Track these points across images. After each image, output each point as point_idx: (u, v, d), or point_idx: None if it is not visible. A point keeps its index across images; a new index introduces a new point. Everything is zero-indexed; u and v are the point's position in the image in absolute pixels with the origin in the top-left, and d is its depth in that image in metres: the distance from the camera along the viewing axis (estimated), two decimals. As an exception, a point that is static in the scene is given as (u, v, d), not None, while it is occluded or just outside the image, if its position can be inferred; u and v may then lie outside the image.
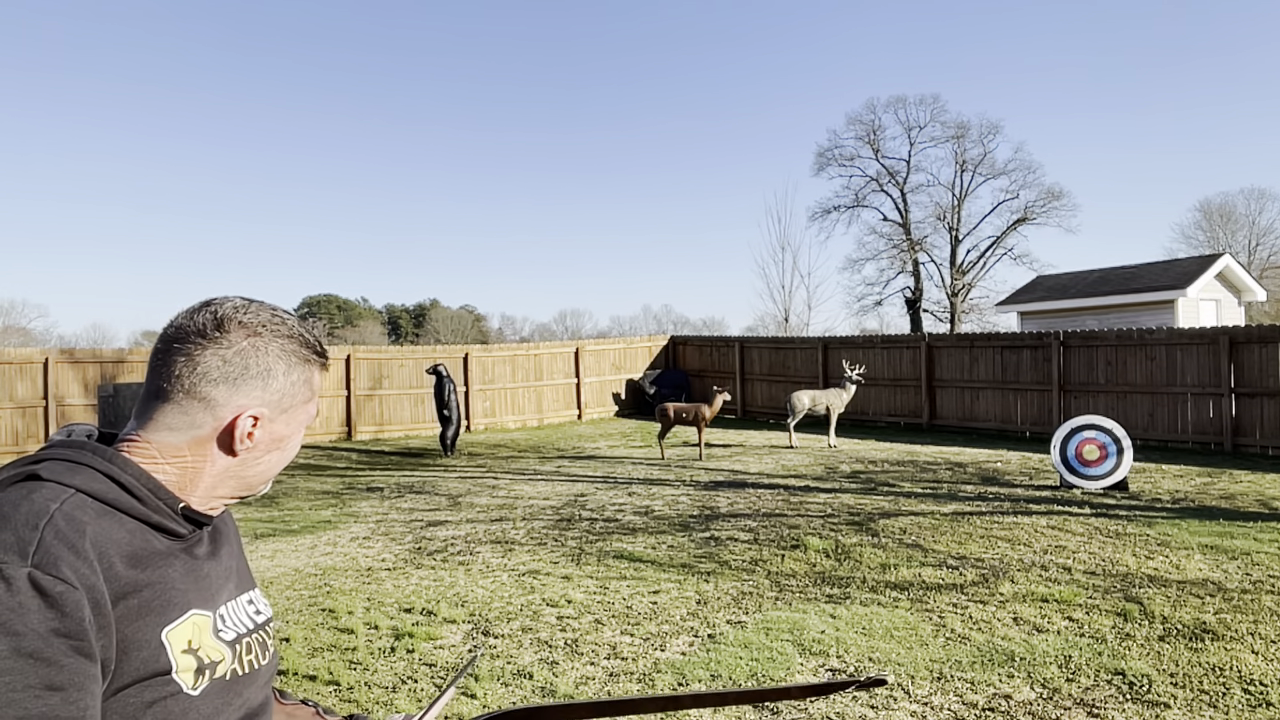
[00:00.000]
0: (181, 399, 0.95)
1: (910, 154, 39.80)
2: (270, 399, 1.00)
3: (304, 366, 1.04)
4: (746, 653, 4.51)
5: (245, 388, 0.97)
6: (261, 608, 1.10)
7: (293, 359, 1.02)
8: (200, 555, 0.98)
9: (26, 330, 45.32)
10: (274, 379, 0.99)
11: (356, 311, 61.58)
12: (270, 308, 1.04)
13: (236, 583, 1.07)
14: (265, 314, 1.02)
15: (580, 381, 18.93)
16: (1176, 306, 21.79)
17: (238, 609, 1.05)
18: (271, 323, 1.01)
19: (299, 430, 1.06)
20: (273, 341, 1.00)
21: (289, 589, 5.99)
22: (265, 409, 0.99)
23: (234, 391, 0.96)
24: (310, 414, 1.08)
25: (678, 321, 59.70)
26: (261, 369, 0.98)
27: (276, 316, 1.03)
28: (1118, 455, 8.80)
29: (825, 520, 7.78)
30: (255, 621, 1.06)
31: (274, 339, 1.00)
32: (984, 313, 37.67)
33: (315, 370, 1.07)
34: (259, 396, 0.98)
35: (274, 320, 1.02)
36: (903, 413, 15.78)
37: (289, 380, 1.01)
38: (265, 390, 0.99)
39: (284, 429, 1.03)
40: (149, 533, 0.90)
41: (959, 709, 3.81)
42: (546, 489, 10.01)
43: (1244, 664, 4.22)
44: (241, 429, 0.97)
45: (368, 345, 29.43)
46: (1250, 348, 11.63)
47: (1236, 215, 42.68)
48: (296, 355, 1.03)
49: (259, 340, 0.99)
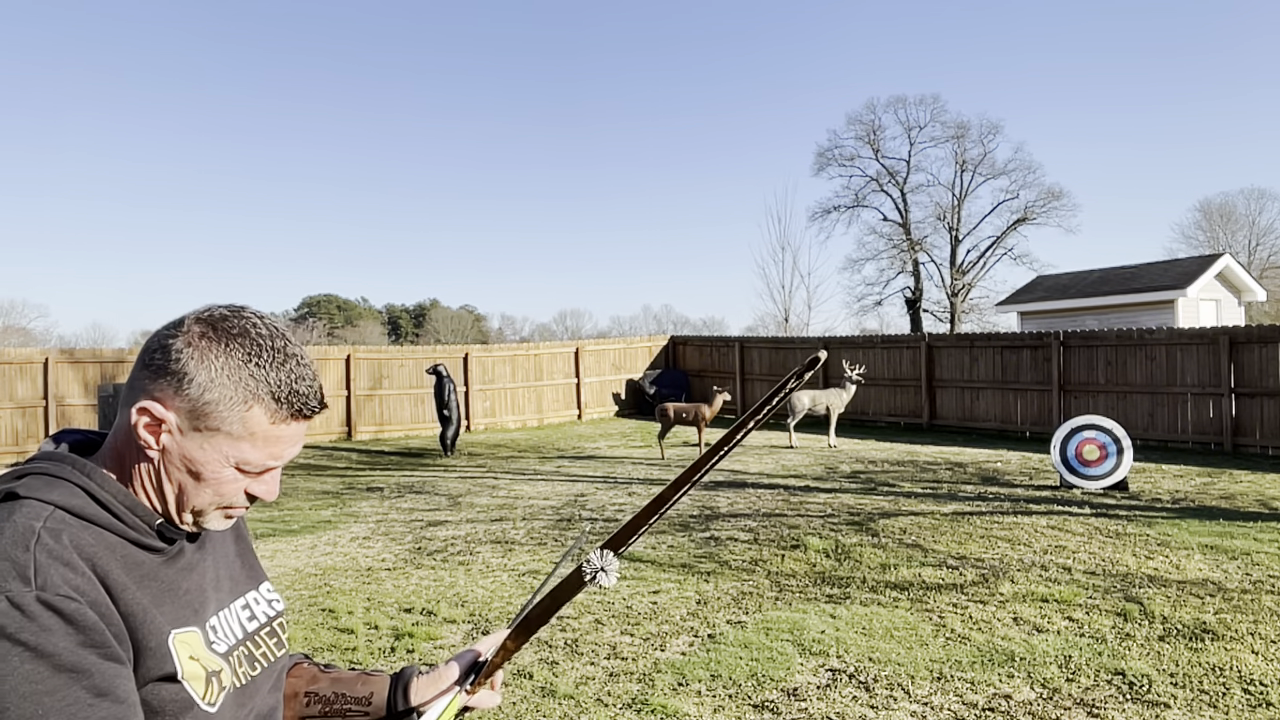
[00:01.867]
0: (126, 387, 0.94)
1: (910, 154, 39.81)
2: (179, 405, 0.88)
3: (248, 395, 0.90)
4: (746, 653, 4.51)
5: (161, 381, 0.89)
6: (258, 610, 1.07)
7: (228, 381, 0.89)
8: (182, 568, 0.95)
9: (26, 330, 45.33)
10: (191, 384, 0.88)
11: (356, 311, 61.57)
12: (270, 326, 0.92)
13: (230, 587, 1.04)
14: (238, 324, 0.91)
15: (580, 381, 18.94)
16: (1176, 306, 21.78)
17: (229, 618, 1.01)
18: (235, 334, 0.90)
19: (221, 467, 0.91)
20: (216, 350, 0.89)
21: (289, 589, 5.99)
22: (171, 415, 0.88)
23: (150, 382, 0.89)
24: (240, 454, 0.91)
25: (678, 321, 59.73)
26: (184, 369, 0.88)
27: (250, 335, 0.90)
28: (1118, 455, 8.80)
29: (825, 520, 7.78)
30: (246, 630, 1.02)
31: (221, 349, 0.89)
32: (984, 313, 37.69)
33: (258, 409, 0.90)
34: (167, 395, 0.88)
35: (242, 333, 0.90)
36: (903, 413, 15.79)
37: (207, 396, 0.88)
38: (179, 393, 0.88)
39: (195, 452, 0.90)
40: (130, 547, 0.89)
41: (959, 709, 3.81)
42: (546, 489, 10.02)
43: (1244, 664, 4.22)
44: (136, 418, 0.89)
45: (368, 345, 29.44)
46: (1250, 348, 11.63)
47: (1236, 215, 42.71)
48: (246, 380, 0.89)
49: (202, 341, 0.89)
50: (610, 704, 3.95)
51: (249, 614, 1.04)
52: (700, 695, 4.03)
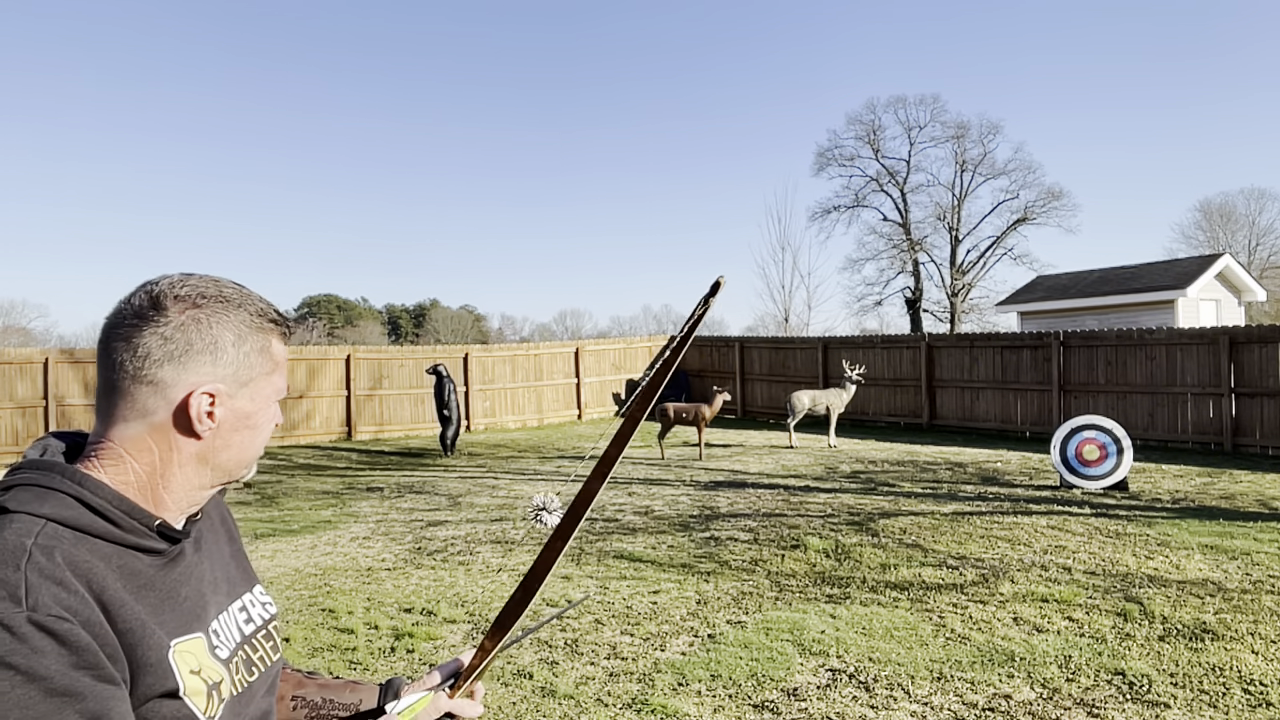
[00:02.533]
0: (130, 387, 0.90)
1: (910, 154, 39.81)
2: (224, 373, 0.93)
3: (257, 335, 0.96)
4: (746, 653, 4.51)
5: (193, 364, 0.91)
6: (254, 613, 1.06)
7: (242, 328, 0.95)
8: (181, 571, 0.94)
9: (26, 330, 45.32)
10: (223, 351, 0.93)
11: (356, 311, 61.55)
12: (213, 279, 0.96)
13: (227, 589, 1.04)
14: (205, 285, 0.94)
15: (580, 381, 18.94)
16: (1176, 306, 21.78)
17: (229, 621, 1.01)
18: (214, 293, 0.94)
19: (267, 406, 0.99)
20: (217, 312, 0.93)
21: (289, 589, 5.99)
22: (221, 384, 0.93)
23: (182, 370, 0.90)
24: (278, 387, 1.01)
25: (678, 321, 59.64)
26: (207, 342, 0.92)
27: (220, 287, 0.95)
28: (1118, 455, 8.80)
29: (825, 520, 7.78)
30: (244, 633, 1.02)
31: (218, 309, 0.93)
32: (984, 313, 37.69)
33: (273, 337, 0.99)
34: (210, 372, 0.92)
35: (217, 291, 0.95)
36: (903, 413, 15.78)
37: (240, 351, 0.94)
38: (216, 364, 0.92)
39: (248, 405, 0.96)
40: (127, 554, 0.87)
41: (959, 709, 3.81)
42: (546, 489, 10.01)
43: (1244, 664, 4.22)
44: (197, 408, 0.91)
45: (368, 345, 29.43)
46: (1250, 348, 11.63)
47: (1236, 215, 42.70)
48: (247, 324, 0.95)
49: (200, 312, 0.92)
50: (610, 704, 3.95)
51: (245, 616, 1.03)
52: (700, 695, 4.03)
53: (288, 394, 1.09)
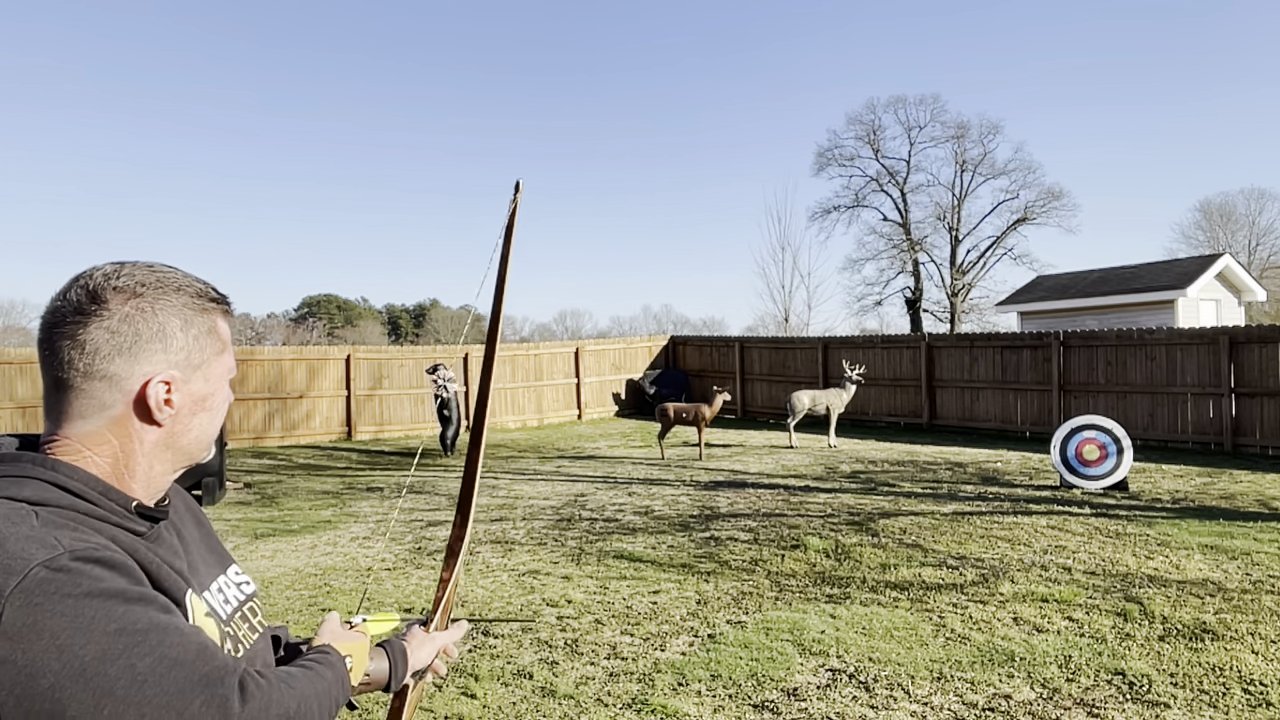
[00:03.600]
0: (83, 384, 0.89)
1: (910, 154, 39.80)
2: (176, 359, 0.93)
3: (202, 316, 0.97)
4: (746, 653, 4.51)
5: (144, 354, 0.91)
6: (230, 594, 1.06)
7: (187, 311, 0.95)
8: (167, 548, 0.94)
9: (26, 330, 45.27)
10: (172, 337, 0.93)
11: (356, 311, 61.55)
12: (147, 265, 0.96)
13: (217, 560, 1.05)
14: (141, 273, 0.94)
15: (580, 381, 18.93)
16: (1176, 306, 21.78)
17: (227, 584, 1.04)
18: (152, 281, 0.94)
19: (221, 386, 1.01)
20: (159, 299, 0.93)
21: (289, 589, 5.99)
22: (175, 370, 0.93)
23: (134, 361, 0.90)
24: (229, 365, 1.02)
25: (678, 321, 59.74)
26: (155, 330, 0.91)
27: (156, 274, 0.95)
28: (1118, 455, 8.80)
29: (825, 520, 7.78)
30: (223, 614, 1.02)
31: (160, 296, 0.93)
32: (984, 313, 37.68)
33: (217, 317, 0.99)
34: (163, 359, 0.92)
35: (155, 278, 0.94)
36: (903, 413, 15.78)
37: (189, 335, 0.95)
38: (167, 351, 0.92)
39: (203, 387, 0.97)
40: (112, 530, 0.87)
41: (959, 709, 3.81)
42: (546, 489, 10.01)
43: (1244, 664, 4.22)
44: (155, 397, 0.91)
45: (368, 345, 29.42)
46: (1250, 348, 11.62)
47: (1236, 215, 42.70)
48: (190, 307, 0.95)
49: (142, 301, 0.91)
50: (610, 704, 3.95)
51: (223, 598, 1.03)
52: (700, 695, 4.03)
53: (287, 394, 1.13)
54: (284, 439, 15.44)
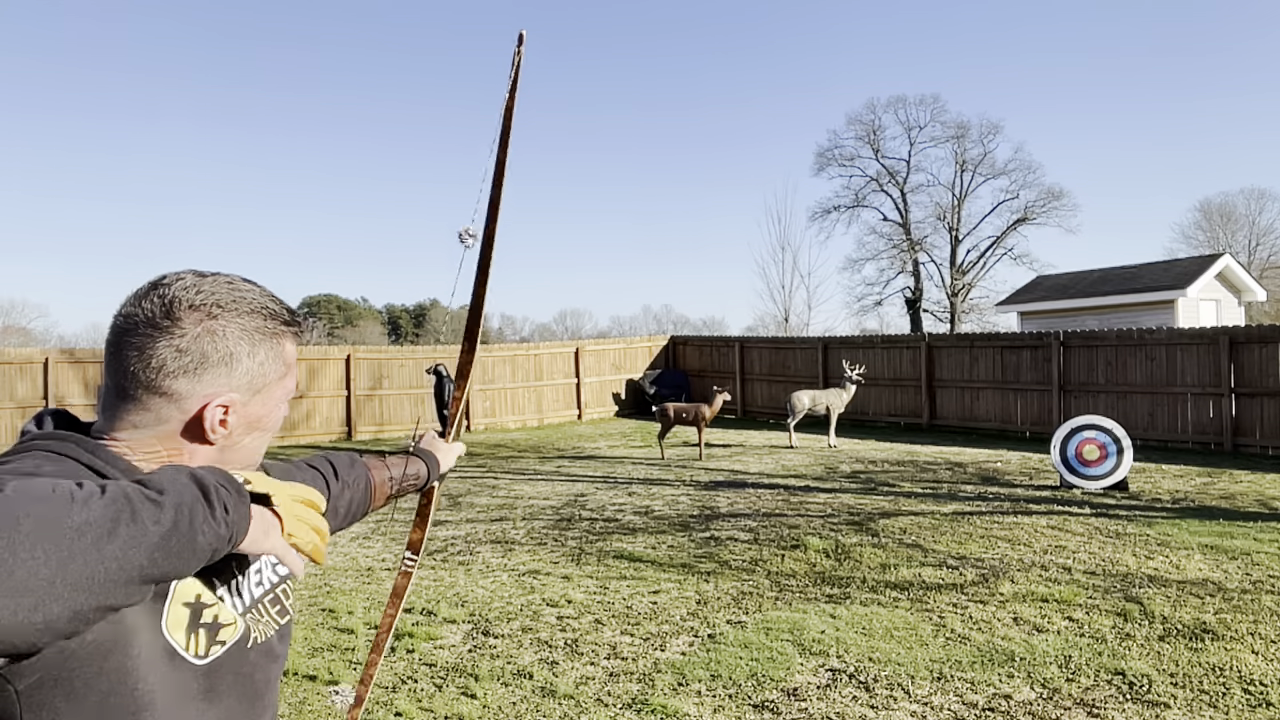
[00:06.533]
0: (142, 395, 0.89)
1: (910, 154, 39.84)
2: (239, 383, 0.93)
3: (271, 342, 0.97)
4: (746, 653, 4.51)
5: (208, 376, 0.91)
6: (267, 575, 1.05)
7: (257, 336, 0.95)
8: None
9: (26, 330, 45.30)
10: (238, 363, 0.93)
11: (356, 311, 61.55)
12: (226, 281, 0.95)
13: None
14: (221, 290, 0.93)
15: (580, 381, 18.93)
16: (1176, 306, 21.78)
17: (266, 564, 1.03)
18: (229, 300, 0.93)
19: (278, 407, 1.01)
20: (232, 322, 0.92)
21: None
22: (235, 394, 0.93)
23: (196, 382, 0.90)
24: (288, 388, 1.02)
25: (678, 321, 59.71)
26: (223, 354, 0.91)
27: (235, 291, 0.94)
28: (1118, 455, 8.80)
29: (825, 520, 7.78)
30: (279, 575, 1.03)
31: (233, 319, 0.93)
32: (984, 313, 37.70)
33: (286, 341, 0.99)
34: (225, 383, 0.92)
35: (232, 297, 0.94)
36: (903, 413, 15.78)
37: (255, 361, 0.94)
38: (231, 376, 0.92)
39: (259, 409, 0.97)
40: None
41: (959, 709, 3.81)
42: (546, 489, 10.01)
43: (1244, 664, 4.22)
44: (211, 419, 0.91)
45: (368, 345, 29.42)
46: (1250, 348, 11.62)
47: (1236, 215, 42.70)
48: (261, 331, 0.95)
49: (215, 324, 0.91)
50: (610, 704, 3.95)
51: (258, 579, 1.03)
52: (700, 695, 4.03)
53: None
54: (284, 439, 15.43)
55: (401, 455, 1.52)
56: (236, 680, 0.94)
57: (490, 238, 1.60)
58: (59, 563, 0.65)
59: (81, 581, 0.66)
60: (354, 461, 1.40)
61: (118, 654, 0.80)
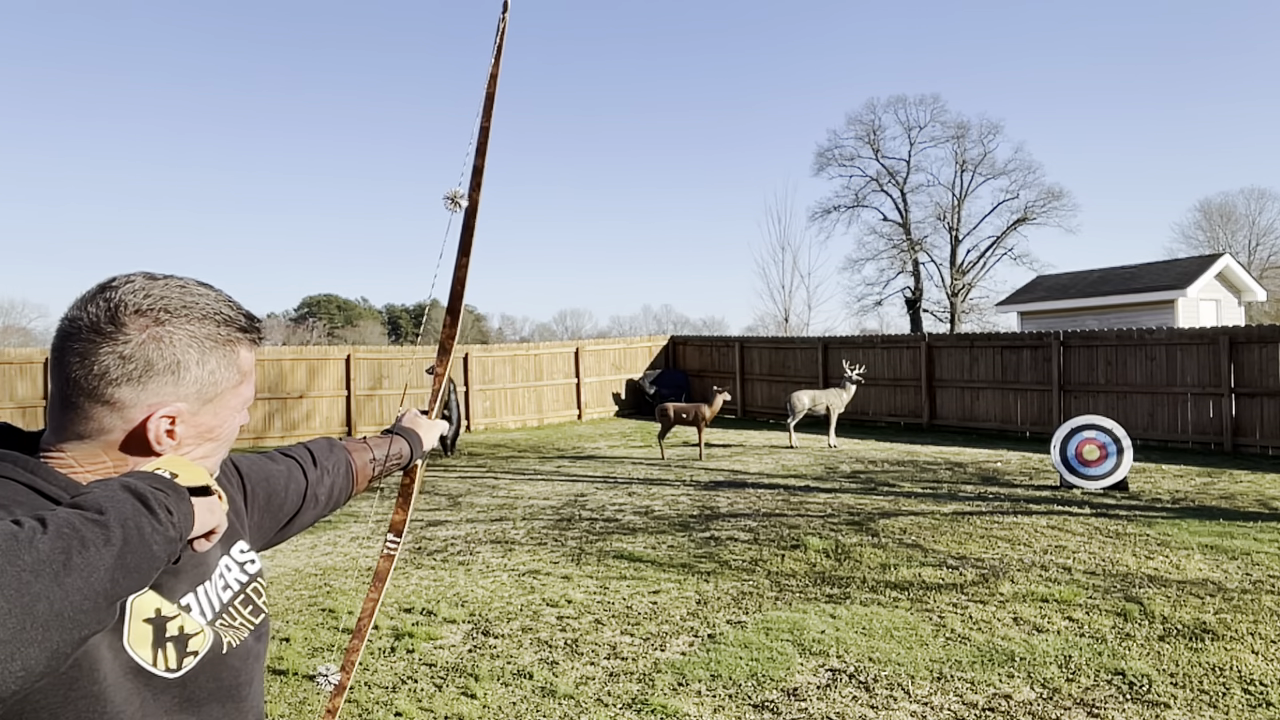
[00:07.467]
0: (84, 404, 0.85)
1: (910, 154, 39.82)
2: (187, 392, 0.89)
3: (224, 349, 0.92)
4: (746, 653, 4.51)
5: (153, 385, 0.86)
6: (230, 578, 1.02)
7: (208, 344, 0.90)
8: None
9: (26, 330, 45.29)
10: (186, 371, 0.88)
11: (356, 311, 61.55)
12: (179, 284, 0.91)
13: (221, 540, 1.01)
14: (171, 295, 0.89)
15: (580, 381, 18.93)
16: (1176, 306, 21.78)
17: (229, 567, 1.01)
18: (178, 305, 0.89)
19: (232, 416, 0.96)
20: (180, 328, 0.88)
21: (289, 589, 5.99)
22: (182, 404, 0.89)
23: (141, 390, 0.86)
24: (245, 397, 0.97)
25: (678, 321, 59.71)
26: (169, 362, 0.87)
27: (186, 296, 0.90)
28: (1118, 455, 8.80)
29: (825, 520, 7.78)
30: (248, 574, 1.01)
31: (182, 324, 0.88)
32: (984, 313, 37.69)
33: (240, 347, 0.94)
34: (171, 392, 0.88)
35: (182, 302, 0.89)
36: (903, 413, 15.78)
37: (205, 369, 0.90)
38: (178, 384, 0.88)
39: (211, 419, 0.92)
40: None
41: (959, 709, 3.81)
42: (546, 489, 10.01)
43: (1244, 664, 4.22)
44: (156, 430, 0.87)
45: (368, 345, 29.43)
46: (1250, 348, 11.62)
47: (1236, 215, 42.70)
48: (213, 339, 0.91)
49: (162, 330, 0.87)
50: (610, 704, 3.95)
51: (223, 583, 1.00)
52: (700, 695, 4.03)
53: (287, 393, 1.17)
54: (284, 439, 15.42)
55: (384, 436, 1.52)
56: (216, 687, 0.93)
57: (473, 208, 1.53)
58: (23, 608, 0.63)
59: (50, 620, 0.65)
60: (333, 446, 1.38)
61: (84, 680, 0.79)
